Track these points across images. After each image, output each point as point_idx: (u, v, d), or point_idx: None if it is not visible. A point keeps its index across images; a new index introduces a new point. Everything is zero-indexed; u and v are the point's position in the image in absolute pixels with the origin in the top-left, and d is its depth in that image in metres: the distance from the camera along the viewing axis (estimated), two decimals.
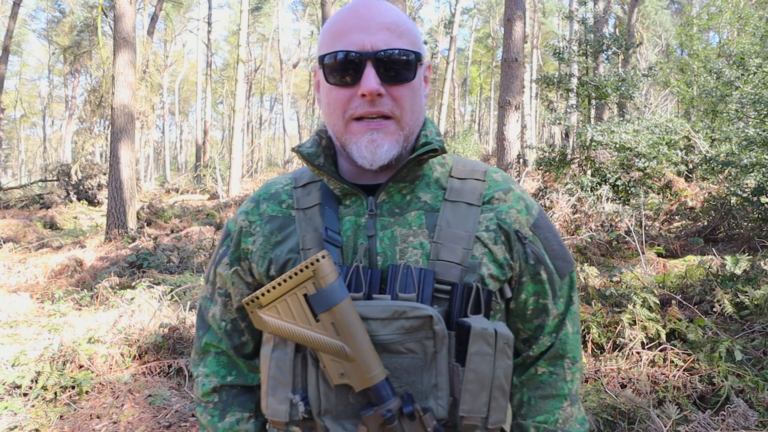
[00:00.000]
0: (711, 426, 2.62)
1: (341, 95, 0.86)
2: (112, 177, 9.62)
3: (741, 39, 10.54)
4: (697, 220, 7.29)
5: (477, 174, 0.94)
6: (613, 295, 4.16)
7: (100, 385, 3.59)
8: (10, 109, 35.80)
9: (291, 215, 0.94)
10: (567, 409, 0.95)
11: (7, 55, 18.08)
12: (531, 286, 0.93)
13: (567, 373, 0.96)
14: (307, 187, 0.96)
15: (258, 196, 1.00)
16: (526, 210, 0.94)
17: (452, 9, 31.43)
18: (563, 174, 9.40)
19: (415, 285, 0.83)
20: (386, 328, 0.80)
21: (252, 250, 0.95)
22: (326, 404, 0.82)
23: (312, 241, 0.89)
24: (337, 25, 0.87)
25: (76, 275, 6.91)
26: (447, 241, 0.87)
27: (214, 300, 1.01)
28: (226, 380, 1.00)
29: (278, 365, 0.84)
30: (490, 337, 0.82)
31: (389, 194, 0.91)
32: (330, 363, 0.79)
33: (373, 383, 0.78)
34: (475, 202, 0.91)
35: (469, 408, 0.81)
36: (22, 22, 30.76)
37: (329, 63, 0.86)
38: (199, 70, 31.84)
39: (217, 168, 18.16)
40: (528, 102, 21.64)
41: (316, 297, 0.79)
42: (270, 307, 0.81)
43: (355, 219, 0.90)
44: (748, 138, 6.95)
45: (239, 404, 1.00)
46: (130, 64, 9.67)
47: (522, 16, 8.46)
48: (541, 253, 0.93)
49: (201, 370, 1.02)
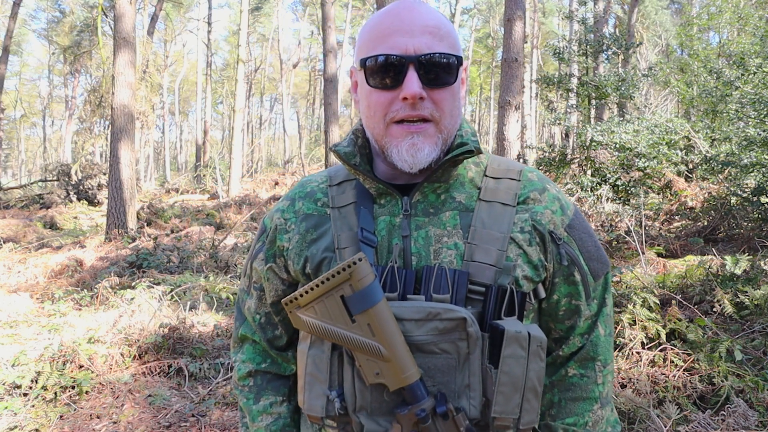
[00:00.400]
0: (711, 426, 2.62)
1: (382, 98, 0.86)
2: (112, 177, 9.62)
3: (741, 39, 10.54)
4: (697, 220, 7.29)
5: (512, 173, 0.94)
6: (613, 295, 4.15)
7: (100, 385, 3.59)
8: (10, 109, 35.80)
9: (326, 213, 0.95)
10: (597, 412, 0.95)
11: (7, 55, 18.08)
12: (564, 287, 0.93)
13: (598, 376, 0.95)
14: (342, 186, 0.97)
15: (294, 194, 1.02)
16: (561, 210, 0.93)
17: (452, 9, 31.43)
18: (563, 174, 9.40)
19: (449, 286, 0.84)
20: (420, 328, 0.81)
21: (288, 248, 0.97)
22: (361, 401, 0.83)
23: (347, 240, 0.90)
24: (379, 28, 0.87)
25: (76, 275, 6.91)
26: (481, 242, 0.87)
27: (250, 293, 1.05)
28: (261, 366, 1.05)
29: (315, 362, 0.86)
30: (524, 340, 0.82)
31: (424, 194, 0.91)
32: (365, 362, 0.81)
33: (407, 383, 0.80)
34: (509, 202, 0.91)
35: (501, 409, 0.82)
36: (22, 22, 30.76)
37: (371, 66, 0.86)
38: (199, 70, 31.84)
39: (217, 168, 18.16)
40: (528, 102, 21.64)
41: (353, 299, 0.80)
42: (308, 307, 0.83)
43: (389, 219, 0.90)
44: (748, 138, 6.95)
45: (273, 389, 1.04)
46: (130, 64, 9.67)
47: (522, 16, 8.46)
48: (575, 255, 0.92)
49: (238, 356, 1.07)
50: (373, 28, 0.89)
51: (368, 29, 0.90)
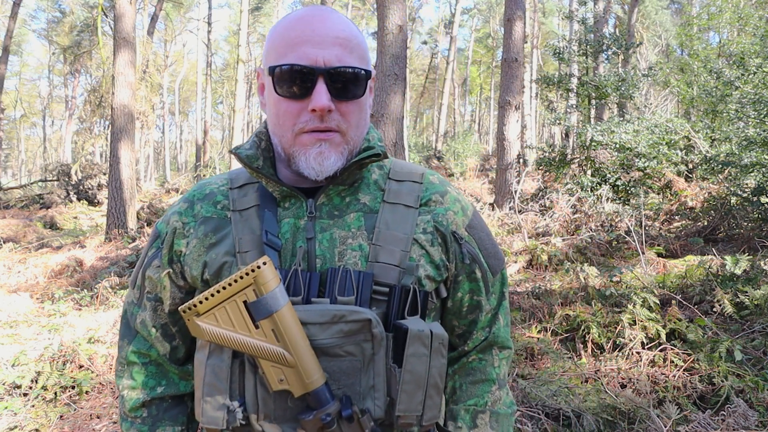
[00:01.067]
0: (711, 426, 2.62)
1: (291, 108, 0.85)
2: (112, 177, 9.62)
3: (741, 39, 10.54)
4: (697, 220, 7.29)
5: (414, 176, 0.96)
6: (613, 295, 4.16)
7: (100, 385, 3.59)
8: (10, 109, 35.80)
9: (227, 217, 0.92)
10: (495, 393, 0.99)
11: (7, 55, 18.07)
12: (467, 284, 0.96)
13: (495, 359, 1.00)
14: (243, 189, 0.95)
15: (192, 196, 0.97)
16: (461, 211, 0.96)
17: (452, 9, 31.43)
18: (563, 174, 9.40)
19: (354, 288, 0.84)
20: (325, 332, 0.80)
21: (185, 253, 0.92)
22: (264, 409, 0.81)
23: (249, 244, 0.88)
24: (290, 35, 0.86)
25: (76, 275, 6.91)
26: (386, 243, 0.88)
27: (142, 305, 0.98)
28: (156, 392, 0.97)
29: (215, 372, 0.82)
30: (426, 338, 0.84)
31: (329, 197, 0.91)
32: (269, 369, 0.79)
33: (312, 388, 0.79)
34: (412, 204, 0.92)
35: (405, 407, 0.83)
36: (22, 22, 30.77)
37: (279, 74, 0.84)
38: (199, 70, 31.85)
39: (217, 168, 18.18)
40: (528, 102, 21.64)
41: (257, 304, 0.78)
42: (208, 314, 0.79)
43: (294, 221, 0.89)
44: (748, 138, 6.95)
45: (170, 418, 0.98)
46: (130, 64, 9.67)
47: (522, 16, 8.46)
48: (476, 253, 0.95)
49: (126, 382, 0.98)
50: (283, 34, 0.87)
51: (278, 34, 0.87)
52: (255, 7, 33.63)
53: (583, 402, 2.91)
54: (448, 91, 28.82)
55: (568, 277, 5.18)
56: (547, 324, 4.02)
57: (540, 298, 4.67)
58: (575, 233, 7.13)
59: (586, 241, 6.36)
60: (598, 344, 3.63)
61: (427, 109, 42.30)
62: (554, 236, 6.84)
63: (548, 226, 7.60)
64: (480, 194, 12.56)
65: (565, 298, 4.45)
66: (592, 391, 3.05)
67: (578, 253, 6.16)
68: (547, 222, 7.76)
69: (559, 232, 7.30)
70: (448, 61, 28.26)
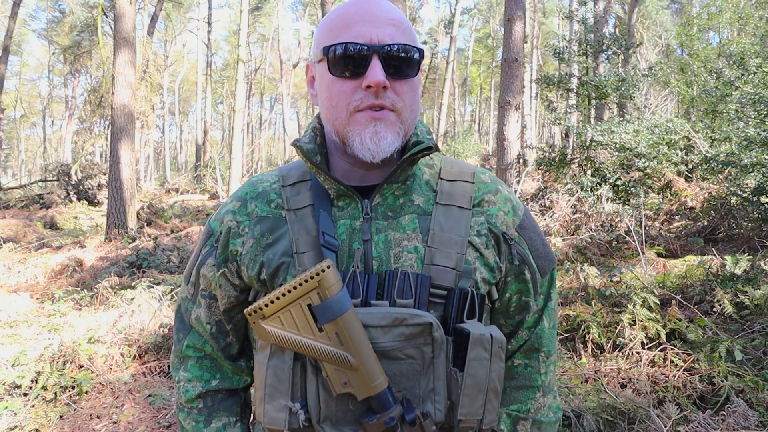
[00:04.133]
0: (711, 426, 2.62)
1: (345, 87, 0.85)
2: (112, 177, 9.61)
3: (741, 39, 10.53)
4: (697, 220, 7.29)
5: (466, 176, 0.95)
6: (613, 295, 4.16)
7: (100, 385, 3.59)
8: (10, 109, 35.78)
9: (281, 216, 0.92)
10: (540, 400, 0.98)
11: (7, 55, 18.06)
12: (515, 285, 0.96)
13: (541, 366, 0.99)
14: (296, 186, 0.94)
15: (244, 194, 0.96)
16: (512, 211, 0.96)
17: (452, 9, 31.43)
18: (563, 174, 9.40)
19: (412, 290, 0.83)
20: (386, 335, 0.80)
21: (241, 252, 0.92)
22: (326, 411, 0.81)
23: (305, 245, 0.87)
24: (342, 18, 0.86)
25: (76, 275, 6.91)
26: (441, 245, 0.88)
27: (197, 302, 0.98)
28: (210, 385, 0.99)
29: (276, 373, 0.82)
30: (487, 343, 0.83)
31: (384, 197, 0.90)
32: (333, 372, 0.79)
33: (376, 392, 0.79)
34: (466, 205, 0.92)
35: (467, 411, 0.83)
36: (22, 22, 30.75)
37: (334, 54, 0.85)
38: (199, 70, 31.84)
39: (217, 168, 18.16)
40: (528, 102, 21.64)
41: (321, 307, 0.78)
42: (273, 317, 0.79)
43: (350, 222, 0.89)
44: (748, 138, 6.94)
45: (225, 409, 0.99)
46: (130, 64, 9.67)
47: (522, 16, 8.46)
48: (525, 254, 0.95)
49: (182, 374, 1.00)
50: (336, 18, 0.87)
51: (331, 19, 0.88)
52: (255, 7, 33.61)
53: (583, 402, 2.91)
54: (448, 91, 28.81)
55: (568, 277, 5.18)
56: None
57: None
58: (575, 233, 7.13)
59: (586, 241, 6.36)
60: (598, 344, 3.63)
61: (427, 109, 42.30)
62: (554, 236, 6.84)
63: (548, 226, 7.60)
64: None
65: (565, 298, 4.45)
66: (592, 391, 3.05)
67: (578, 253, 6.16)
68: (547, 222, 7.76)
69: (559, 232, 7.30)
70: (448, 61, 28.26)
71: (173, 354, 1.03)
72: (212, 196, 17.78)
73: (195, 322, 0.99)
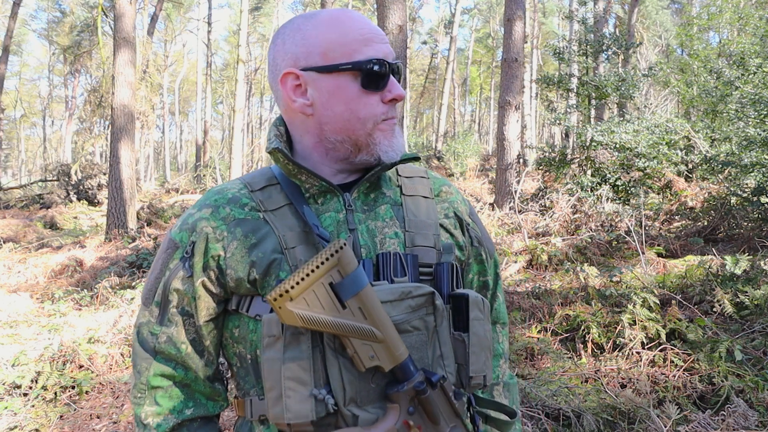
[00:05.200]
0: (711, 426, 2.62)
1: (372, 100, 0.93)
2: (112, 177, 9.62)
3: (741, 39, 10.54)
4: (697, 220, 7.29)
5: (419, 173, 1.06)
6: (613, 295, 4.16)
7: (100, 385, 3.59)
8: (10, 109, 35.79)
9: (260, 217, 0.92)
10: (503, 366, 1.11)
11: (7, 55, 18.07)
12: (476, 266, 1.07)
13: (499, 335, 1.12)
14: (265, 190, 0.95)
15: (213, 201, 0.95)
16: (463, 202, 1.09)
17: (452, 9, 31.43)
18: (563, 174, 9.40)
19: (405, 269, 0.90)
20: (396, 308, 0.85)
21: (224, 256, 0.90)
22: (351, 392, 0.82)
23: (293, 240, 0.90)
24: (362, 33, 0.92)
25: (76, 275, 6.91)
26: (418, 229, 0.96)
27: (165, 322, 0.93)
28: (185, 414, 0.93)
29: (296, 365, 0.81)
30: (481, 304, 0.93)
31: (359, 192, 0.97)
32: (361, 347, 0.81)
33: (401, 360, 0.83)
34: (428, 195, 1.03)
35: (476, 368, 0.90)
36: (22, 22, 30.76)
37: (370, 69, 0.91)
38: (199, 70, 31.84)
39: (217, 168, 18.18)
40: (528, 102, 21.64)
41: (343, 284, 0.81)
42: (299, 299, 0.80)
43: (334, 215, 0.93)
44: (748, 138, 6.95)
45: None
46: (130, 64, 9.67)
47: (522, 16, 8.46)
48: (480, 237, 1.07)
49: (149, 409, 0.92)
50: (343, 33, 0.91)
51: (331, 34, 0.90)
52: (255, 7, 33.62)
53: (583, 402, 2.92)
54: (448, 91, 28.82)
55: (568, 277, 5.18)
56: (547, 324, 4.02)
57: (540, 298, 4.67)
58: (575, 233, 7.13)
59: (586, 241, 6.36)
60: (598, 344, 3.63)
61: (427, 109, 42.29)
62: (554, 236, 6.84)
63: (548, 226, 7.60)
64: (480, 194, 12.55)
65: (565, 298, 4.45)
66: (592, 391, 3.05)
67: (578, 253, 6.16)
68: (547, 222, 7.76)
69: (559, 232, 7.31)
70: (448, 61, 28.26)
71: (134, 389, 0.94)
72: None
73: (165, 345, 0.93)
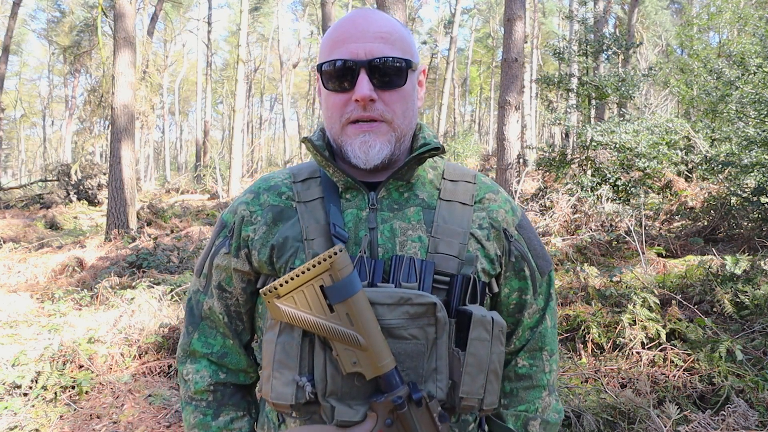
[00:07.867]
0: (711, 426, 2.62)
1: (338, 100, 0.92)
2: (112, 177, 9.61)
3: (741, 39, 10.53)
4: (697, 220, 7.28)
5: (468, 177, 1.02)
6: (613, 295, 4.16)
7: (100, 385, 3.59)
8: (10, 109, 35.77)
9: (292, 206, 0.97)
10: (546, 399, 1.03)
11: (7, 55, 18.07)
12: (515, 281, 1.01)
13: (545, 364, 1.04)
14: (306, 182, 0.99)
15: (257, 187, 1.02)
16: (512, 211, 1.02)
17: (452, 9, 31.43)
18: (563, 174, 9.40)
19: (416, 275, 0.88)
20: (392, 312, 0.84)
21: (253, 238, 0.97)
22: (332, 386, 0.84)
23: (315, 232, 0.92)
24: (336, 35, 0.93)
25: (76, 275, 6.91)
26: (444, 235, 0.93)
27: (209, 293, 1.02)
28: (218, 377, 1.02)
29: (285, 349, 0.85)
30: (488, 324, 0.88)
31: (388, 191, 0.96)
32: (343, 352, 0.82)
33: (384, 371, 0.82)
34: (468, 201, 0.98)
35: (468, 389, 0.87)
36: (22, 22, 30.75)
37: (327, 70, 0.92)
38: (199, 70, 31.84)
39: (217, 168, 18.16)
40: (528, 102, 21.63)
41: (333, 288, 0.82)
42: (287, 297, 0.83)
43: (356, 212, 0.94)
44: (748, 138, 6.94)
45: (234, 403, 1.03)
46: (130, 64, 9.67)
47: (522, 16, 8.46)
48: (524, 251, 1.00)
49: (190, 367, 1.03)
50: (331, 35, 0.94)
51: (328, 36, 0.95)
52: (255, 7, 33.62)
53: (583, 402, 2.92)
54: (448, 91, 28.83)
55: (568, 277, 5.18)
56: None
57: None
58: (575, 233, 7.13)
59: (586, 241, 6.36)
60: (598, 344, 3.63)
61: (427, 109, 42.29)
62: (554, 236, 6.84)
63: (548, 226, 7.60)
64: None
65: (565, 298, 4.45)
66: (592, 391, 3.05)
67: (578, 253, 6.16)
68: (547, 222, 7.76)
69: (559, 232, 7.30)
70: (448, 61, 28.26)
71: (180, 347, 1.05)
72: (212, 196, 17.78)
73: (208, 312, 1.03)
